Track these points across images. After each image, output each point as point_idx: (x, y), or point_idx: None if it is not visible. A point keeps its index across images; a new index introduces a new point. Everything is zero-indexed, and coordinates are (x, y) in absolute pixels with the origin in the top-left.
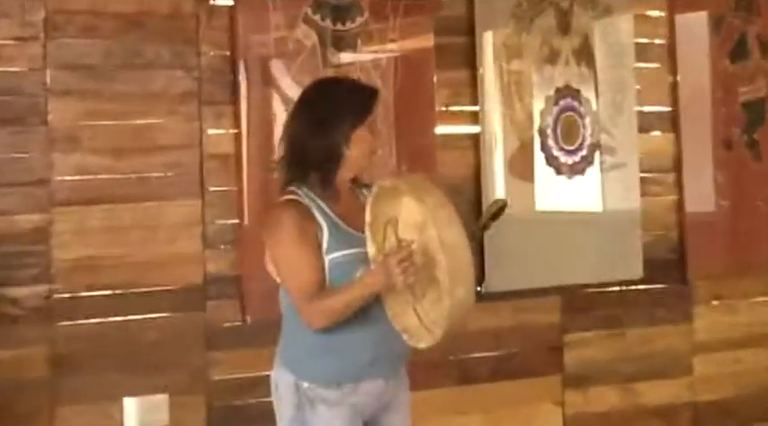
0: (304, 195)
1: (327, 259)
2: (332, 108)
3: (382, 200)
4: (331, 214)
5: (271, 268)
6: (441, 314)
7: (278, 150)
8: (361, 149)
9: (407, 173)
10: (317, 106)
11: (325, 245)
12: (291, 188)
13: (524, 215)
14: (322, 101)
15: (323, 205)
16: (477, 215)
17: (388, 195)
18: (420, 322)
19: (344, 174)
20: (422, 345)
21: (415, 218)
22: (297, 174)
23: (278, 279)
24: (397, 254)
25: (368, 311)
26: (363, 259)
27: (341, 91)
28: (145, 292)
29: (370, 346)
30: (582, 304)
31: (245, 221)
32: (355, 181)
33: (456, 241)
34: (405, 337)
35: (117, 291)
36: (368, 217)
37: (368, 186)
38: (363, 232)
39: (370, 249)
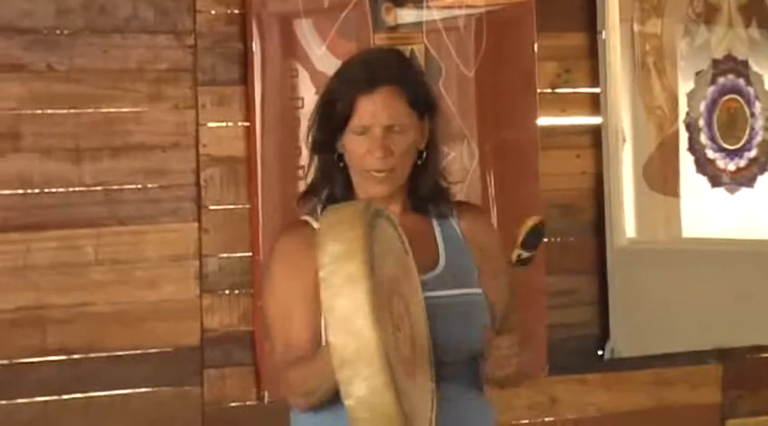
0: None
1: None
2: (327, 88)
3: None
4: None
5: None
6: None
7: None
8: (357, 141)
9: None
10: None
11: None
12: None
13: (667, 245)
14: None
15: None
16: (596, 247)
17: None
18: None
19: (360, 183)
20: None
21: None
22: (319, 189)
23: None
24: None
25: None
26: None
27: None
28: (114, 357)
29: None
30: (754, 375)
31: (261, 254)
32: (421, 196)
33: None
34: None
35: (73, 356)
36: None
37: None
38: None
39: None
